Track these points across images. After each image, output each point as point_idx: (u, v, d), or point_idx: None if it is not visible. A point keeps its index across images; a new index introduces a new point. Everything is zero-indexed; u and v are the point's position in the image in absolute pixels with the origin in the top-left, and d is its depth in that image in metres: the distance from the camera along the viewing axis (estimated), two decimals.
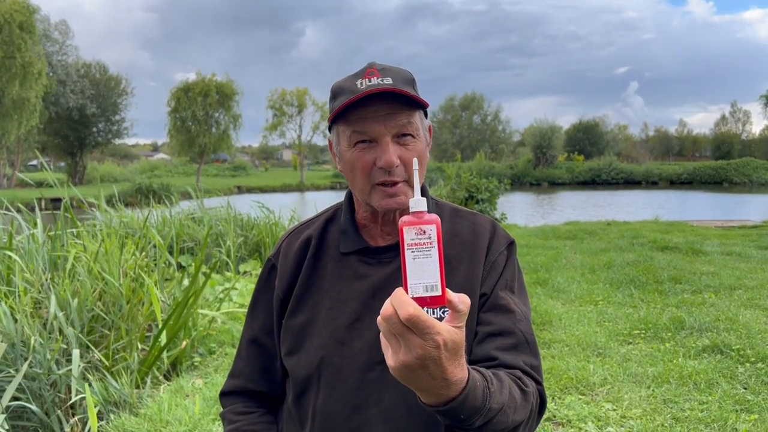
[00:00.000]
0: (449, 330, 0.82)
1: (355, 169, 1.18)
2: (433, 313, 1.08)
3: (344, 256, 1.26)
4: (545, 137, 53.62)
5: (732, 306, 5.54)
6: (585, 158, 57.15)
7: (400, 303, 0.80)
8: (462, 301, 0.83)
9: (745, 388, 3.70)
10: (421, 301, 0.83)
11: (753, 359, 4.11)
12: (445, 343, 0.82)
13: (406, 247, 0.83)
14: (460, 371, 0.88)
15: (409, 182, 1.18)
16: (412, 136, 1.18)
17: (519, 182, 49.10)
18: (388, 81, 1.15)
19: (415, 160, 0.97)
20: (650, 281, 6.68)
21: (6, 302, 3.87)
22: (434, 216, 0.86)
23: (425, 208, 0.86)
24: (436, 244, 0.84)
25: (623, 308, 5.67)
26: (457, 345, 0.84)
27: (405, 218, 0.85)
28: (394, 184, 1.17)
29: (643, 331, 4.88)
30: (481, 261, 1.24)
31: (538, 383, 1.16)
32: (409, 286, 0.83)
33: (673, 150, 79.72)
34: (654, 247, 9.22)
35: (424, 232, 0.84)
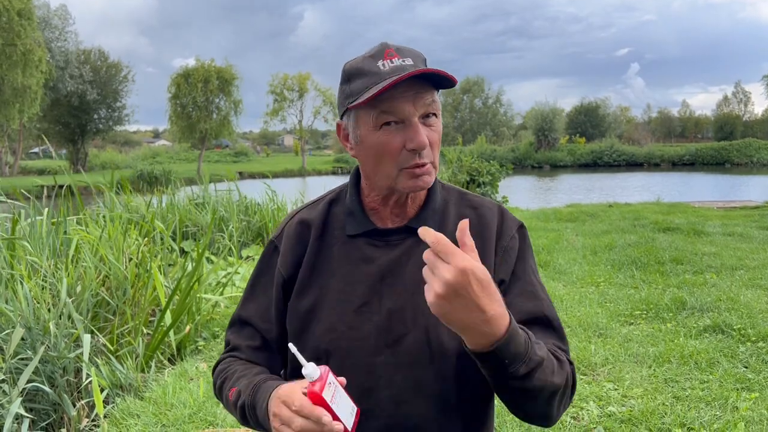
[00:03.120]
0: (474, 259, 0.90)
1: (383, 153, 1.14)
2: None
3: (351, 238, 1.23)
4: (547, 120, 53.40)
5: (733, 286, 5.55)
6: (587, 141, 56.93)
7: (424, 232, 0.91)
8: (462, 229, 0.93)
9: (746, 367, 3.72)
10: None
11: (754, 338, 4.13)
12: (472, 269, 0.88)
13: (329, 402, 0.96)
14: (498, 306, 0.92)
15: (434, 163, 1.17)
16: (435, 116, 1.17)
17: (520, 165, 49.00)
18: (410, 62, 1.12)
19: None
20: (652, 262, 6.70)
21: (27, 284, 3.89)
22: (322, 370, 0.97)
23: (317, 375, 0.96)
24: (336, 383, 0.99)
25: (625, 289, 5.69)
26: (484, 274, 0.89)
27: (312, 389, 0.96)
28: (423, 165, 1.14)
29: (645, 312, 4.90)
30: (491, 247, 1.20)
31: (570, 362, 1.14)
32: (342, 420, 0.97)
33: (675, 132, 79.35)
34: (656, 228, 9.23)
35: (330, 383, 0.97)
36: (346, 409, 0.99)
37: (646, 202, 14.34)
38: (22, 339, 3.55)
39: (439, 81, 1.13)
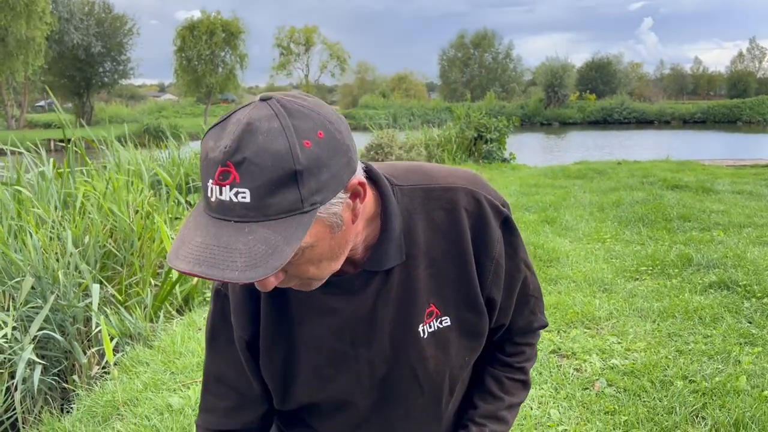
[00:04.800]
0: None
1: None
2: (430, 327, 1.06)
3: None
4: (557, 76, 52.58)
5: (741, 243, 5.53)
6: (597, 97, 56.17)
7: None
8: None
9: (750, 323, 3.74)
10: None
11: (759, 295, 4.14)
12: None
13: None
14: None
15: (314, 276, 0.92)
16: (297, 255, 0.85)
17: (529, 122, 48.49)
18: (243, 197, 0.78)
19: None
20: (659, 219, 6.67)
21: (36, 233, 3.93)
22: None
23: None
24: None
25: (631, 245, 5.69)
26: None
27: None
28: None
29: (650, 268, 4.90)
30: (469, 256, 1.06)
31: (541, 327, 1.26)
32: None
33: (687, 89, 78.05)
34: (664, 185, 9.16)
35: None
36: None
37: (655, 160, 14.20)
38: (32, 288, 3.60)
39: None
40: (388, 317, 1.04)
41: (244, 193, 0.78)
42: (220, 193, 0.79)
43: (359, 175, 0.88)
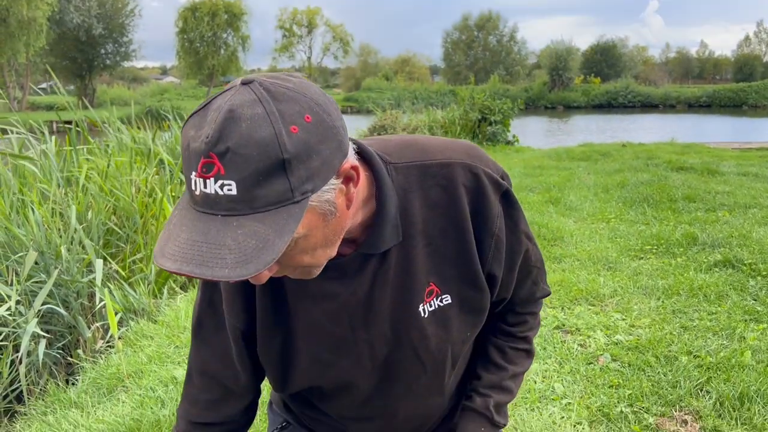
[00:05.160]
0: None
1: None
2: (431, 306, 1.05)
3: None
4: (561, 59, 52.22)
5: (746, 223, 5.51)
6: (602, 81, 55.80)
7: None
8: None
9: (755, 300, 3.72)
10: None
11: (764, 273, 4.12)
12: None
13: None
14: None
15: (311, 265, 0.89)
16: (293, 243, 0.82)
17: (534, 106, 48.25)
18: (229, 189, 0.74)
19: None
20: (664, 200, 6.64)
21: (39, 210, 3.92)
22: None
23: None
24: None
25: (635, 225, 5.66)
26: None
27: None
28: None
29: (655, 247, 4.88)
30: (468, 232, 1.03)
31: (544, 296, 1.26)
32: None
33: (693, 73, 77.50)
34: (669, 167, 9.11)
35: None
36: None
37: (660, 142, 14.13)
38: (35, 263, 3.60)
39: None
40: (386, 299, 1.02)
41: (230, 185, 0.73)
42: (205, 186, 0.74)
43: (351, 159, 0.84)
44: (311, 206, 0.79)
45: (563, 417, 2.52)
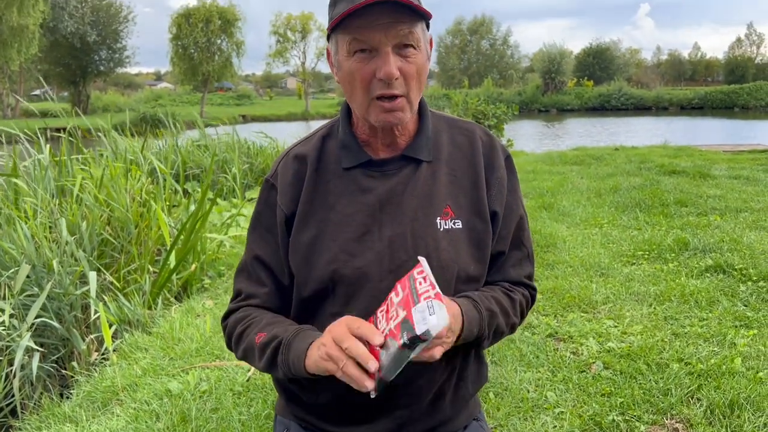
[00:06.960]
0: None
1: (354, 80, 1.14)
2: (446, 224, 1.22)
3: (347, 171, 1.24)
4: (554, 62, 52.44)
5: (737, 228, 5.55)
6: (595, 84, 56.01)
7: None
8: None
9: (746, 306, 3.76)
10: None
11: (755, 278, 4.15)
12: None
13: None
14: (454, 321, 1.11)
15: (408, 97, 1.15)
16: (414, 48, 1.12)
17: (527, 109, 48.39)
18: None
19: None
20: (656, 204, 6.68)
21: (27, 224, 3.92)
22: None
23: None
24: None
25: (628, 231, 5.70)
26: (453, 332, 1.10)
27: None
28: (394, 98, 1.13)
29: (647, 253, 4.91)
30: (482, 174, 1.26)
31: (533, 288, 1.35)
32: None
33: (685, 75, 77.89)
34: (661, 171, 9.16)
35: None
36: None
37: (652, 146, 14.20)
38: (27, 277, 3.60)
39: (421, 11, 1.12)
40: (413, 204, 1.20)
41: None
42: None
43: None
44: (424, 32, 1.16)
45: (556, 426, 2.54)
